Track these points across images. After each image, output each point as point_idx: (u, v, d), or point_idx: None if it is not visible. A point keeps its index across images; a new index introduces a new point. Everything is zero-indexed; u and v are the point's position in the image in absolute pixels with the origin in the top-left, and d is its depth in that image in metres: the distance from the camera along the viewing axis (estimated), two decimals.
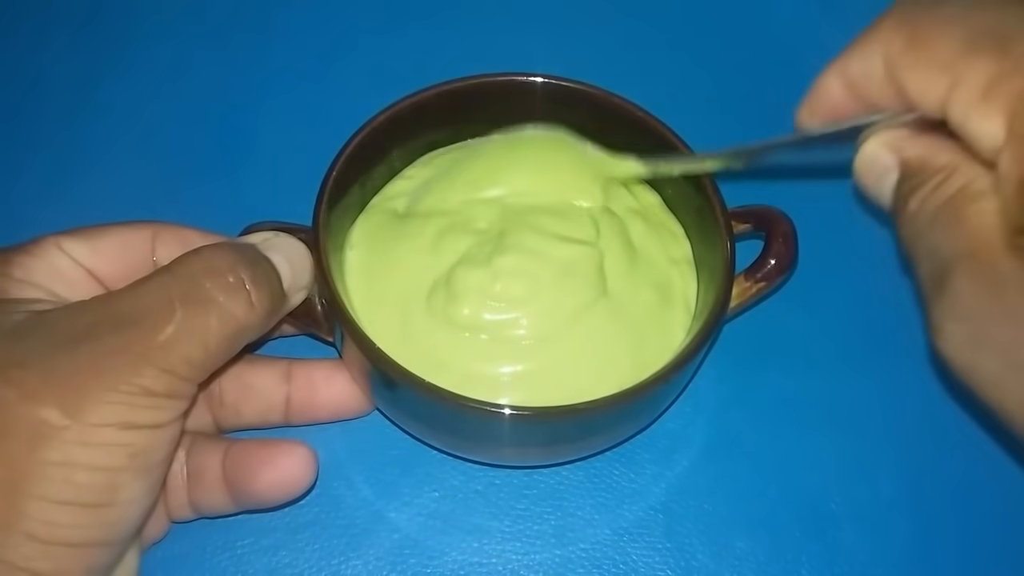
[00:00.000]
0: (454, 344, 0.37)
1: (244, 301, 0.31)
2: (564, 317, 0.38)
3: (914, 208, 0.29)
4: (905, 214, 0.29)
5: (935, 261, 0.28)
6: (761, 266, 0.39)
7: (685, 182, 0.40)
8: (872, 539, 0.40)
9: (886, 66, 0.30)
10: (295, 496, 0.37)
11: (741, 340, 0.43)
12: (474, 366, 0.37)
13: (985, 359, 0.27)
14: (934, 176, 0.29)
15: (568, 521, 0.40)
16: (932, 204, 0.29)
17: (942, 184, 0.29)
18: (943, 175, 0.29)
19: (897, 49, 0.29)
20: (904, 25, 0.29)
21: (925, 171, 0.29)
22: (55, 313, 0.30)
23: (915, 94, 0.29)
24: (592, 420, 0.35)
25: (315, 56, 0.52)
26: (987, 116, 0.27)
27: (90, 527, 0.29)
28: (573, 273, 0.38)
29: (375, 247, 0.40)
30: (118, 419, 0.28)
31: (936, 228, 0.28)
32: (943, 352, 0.28)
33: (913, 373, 0.44)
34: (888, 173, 0.31)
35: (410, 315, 0.38)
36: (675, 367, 0.35)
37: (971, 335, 0.27)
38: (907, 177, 0.30)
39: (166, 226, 0.36)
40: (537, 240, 0.39)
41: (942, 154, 0.29)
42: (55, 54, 0.51)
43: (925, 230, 0.29)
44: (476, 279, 0.38)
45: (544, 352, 0.38)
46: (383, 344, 0.35)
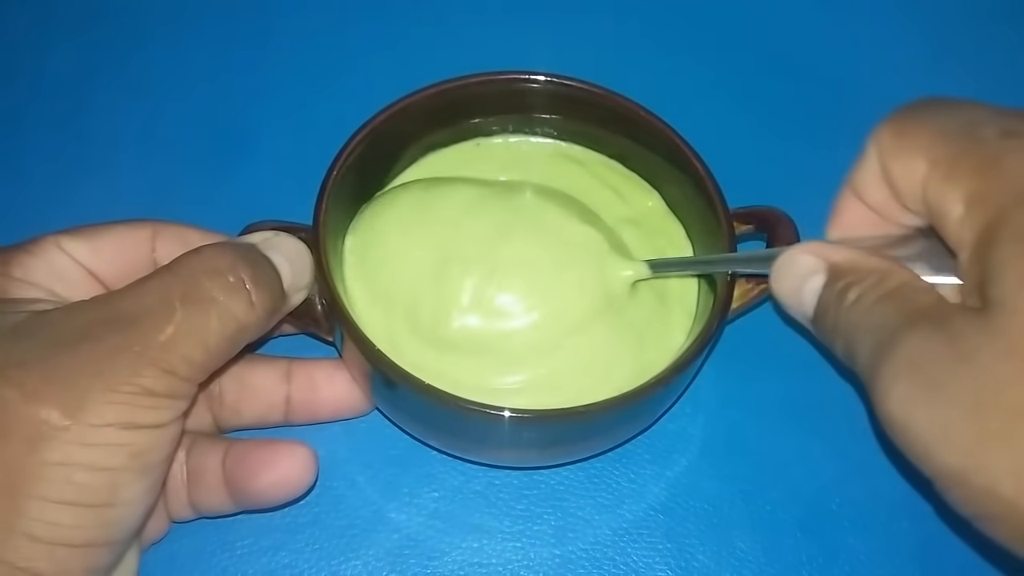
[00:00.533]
0: (453, 348, 0.38)
1: (244, 301, 0.31)
2: (562, 328, 0.38)
3: (853, 298, 0.30)
4: (843, 304, 0.30)
5: (880, 336, 0.28)
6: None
7: (687, 184, 0.40)
8: (872, 539, 0.40)
9: (879, 161, 0.31)
10: (295, 496, 0.37)
11: (741, 340, 0.43)
12: (473, 371, 0.37)
13: (937, 409, 0.26)
14: (870, 275, 0.30)
15: (568, 521, 0.40)
16: (875, 293, 0.29)
17: (883, 280, 0.29)
18: (880, 274, 0.30)
19: (886, 142, 0.31)
20: (894, 124, 0.31)
21: (858, 271, 0.30)
22: (55, 313, 0.30)
23: (898, 180, 0.31)
24: (592, 423, 0.35)
25: (316, 56, 0.52)
26: (951, 190, 0.28)
27: (90, 527, 0.28)
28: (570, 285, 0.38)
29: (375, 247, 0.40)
30: (118, 419, 0.28)
31: (881, 308, 0.29)
32: (891, 414, 0.27)
33: None
34: (812, 276, 0.31)
35: (410, 316, 0.38)
36: (676, 370, 0.35)
37: (923, 385, 0.26)
38: (838, 277, 0.31)
39: (166, 225, 0.36)
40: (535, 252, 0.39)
41: (872, 259, 0.31)
42: (56, 54, 0.51)
43: (869, 311, 0.29)
44: (473, 293, 0.38)
45: (541, 360, 0.38)
46: (382, 345, 0.35)
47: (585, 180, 0.43)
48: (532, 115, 0.43)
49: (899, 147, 0.30)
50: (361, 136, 0.39)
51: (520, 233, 0.39)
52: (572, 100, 0.42)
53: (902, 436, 0.27)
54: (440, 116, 0.42)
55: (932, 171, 0.29)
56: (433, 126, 0.42)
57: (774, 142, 0.50)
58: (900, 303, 0.29)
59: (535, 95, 0.42)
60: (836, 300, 0.30)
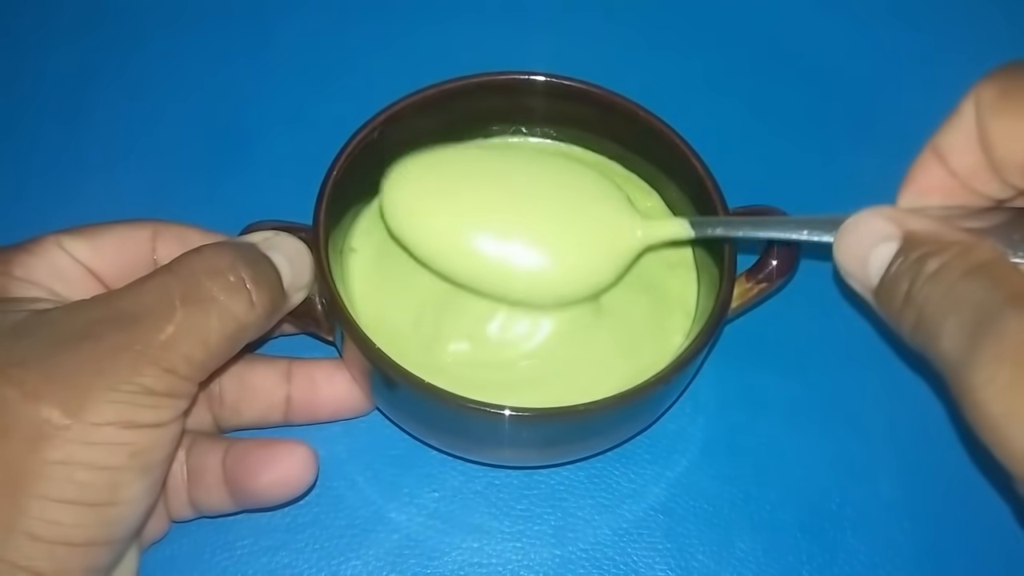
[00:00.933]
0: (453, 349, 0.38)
1: (245, 300, 0.31)
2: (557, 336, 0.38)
3: (934, 269, 0.27)
4: (920, 275, 0.27)
5: (973, 311, 0.26)
6: (763, 267, 0.39)
7: (687, 184, 0.40)
8: (872, 539, 0.40)
9: (977, 117, 0.29)
10: (295, 496, 0.37)
11: (741, 340, 0.43)
12: (472, 373, 0.37)
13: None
14: (952, 246, 0.27)
15: (568, 521, 0.40)
16: (962, 265, 0.27)
17: (968, 252, 0.27)
18: (963, 246, 0.27)
19: (988, 100, 0.29)
20: (999, 80, 0.29)
21: (939, 241, 0.28)
22: (56, 312, 0.30)
23: (1000, 145, 0.28)
24: (592, 421, 0.35)
25: (316, 56, 0.52)
26: None
27: (91, 526, 0.28)
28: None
29: (376, 247, 0.40)
30: (119, 418, 0.28)
31: (972, 283, 0.26)
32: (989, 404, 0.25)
33: (913, 373, 0.44)
34: (884, 242, 0.29)
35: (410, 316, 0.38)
36: (676, 368, 0.35)
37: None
38: (915, 245, 0.28)
39: (166, 225, 0.36)
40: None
41: (954, 231, 0.28)
42: (57, 54, 0.51)
43: (957, 284, 0.26)
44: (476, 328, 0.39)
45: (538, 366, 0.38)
46: (383, 344, 0.35)
47: None
48: (531, 116, 0.43)
49: (1006, 107, 0.28)
50: (361, 135, 0.39)
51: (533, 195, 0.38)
52: (571, 100, 0.42)
53: (995, 427, 0.25)
54: (439, 116, 0.42)
55: None
56: (432, 126, 0.42)
57: (774, 142, 0.50)
58: (996, 279, 0.26)
59: (534, 95, 0.42)
60: (911, 270, 0.28)
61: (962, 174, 0.30)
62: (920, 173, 0.31)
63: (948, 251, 0.27)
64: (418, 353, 0.37)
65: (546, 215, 0.37)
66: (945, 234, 0.28)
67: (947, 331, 0.26)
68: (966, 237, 0.28)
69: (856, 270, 0.30)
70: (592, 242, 0.37)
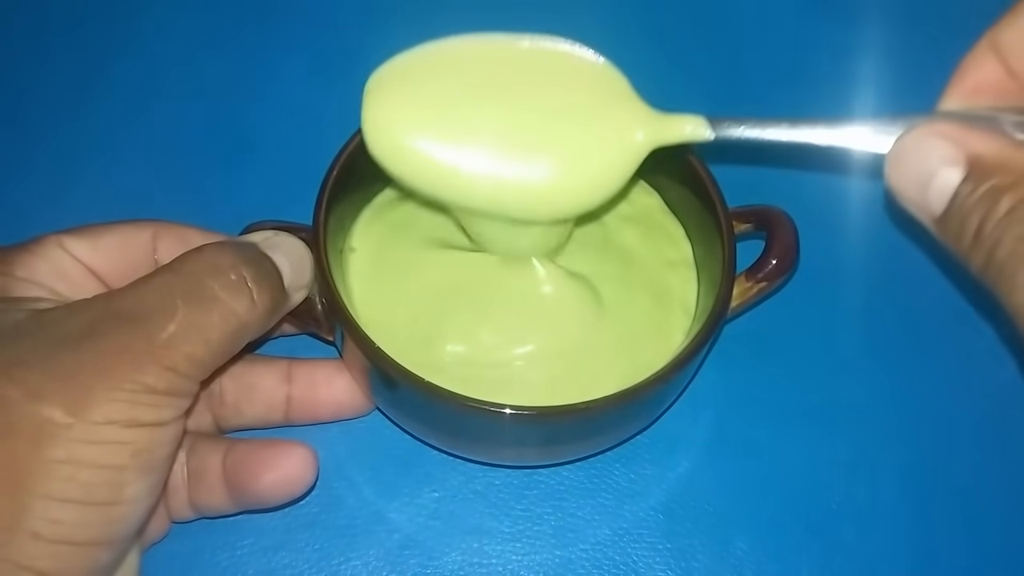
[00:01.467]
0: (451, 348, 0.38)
1: (246, 299, 0.32)
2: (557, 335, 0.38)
3: (1006, 207, 0.24)
4: (993, 213, 0.25)
5: None
6: (762, 266, 0.39)
7: (686, 183, 0.40)
8: (872, 539, 0.40)
9: None
10: (296, 496, 0.37)
11: (741, 340, 0.43)
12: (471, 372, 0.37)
13: None
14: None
15: (568, 521, 0.40)
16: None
17: None
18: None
19: None
20: None
21: (1009, 170, 0.25)
22: (57, 312, 0.30)
23: None
24: (592, 420, 0.35)
25: (317, 53, 0.52)
26: None
27: (94, 525, 0.28)
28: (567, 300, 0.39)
29: (375, 247, 0.40)
30: (121, 417, 0.28)
31: None
32: None
33: (914, 373, 0.44)
34: (944, 167, 0.26)
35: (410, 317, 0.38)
36: (675, 367, 0.35)
37: None
38: (983, 175, 0.25)
39: (167, 225, 0.36)
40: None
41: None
42: (56, 53, 0.51)
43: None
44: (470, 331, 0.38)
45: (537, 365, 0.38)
46: (383, 344, 0.35)
47: None
48: None
49: None
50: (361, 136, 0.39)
51: None
52: None
53: None
54: None
55: None
56: None
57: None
58: None
59: None
60: (982, 204, 0.25)
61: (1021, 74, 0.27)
62: (974, 69, 0.28)
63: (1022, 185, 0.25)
64: (416, 352, 0.37)
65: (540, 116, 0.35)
66: (1018, 160, 0.25)
67: (1022, 283, 0.24)
68: None
69: (915, 197, 0.27)
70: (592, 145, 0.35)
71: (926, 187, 0.27)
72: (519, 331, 0.38)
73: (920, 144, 0.27)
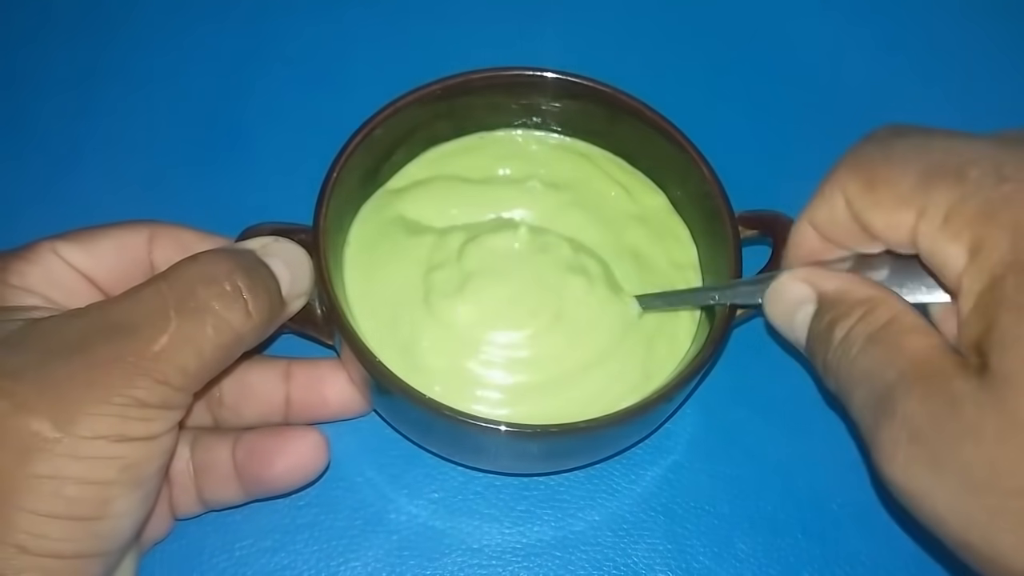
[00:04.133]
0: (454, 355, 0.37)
1: (241, 310, 0.31)
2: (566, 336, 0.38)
3: (840, 336, 0.29)
4: (831, 343, 0.29)
5: (873, 387, 0.27)
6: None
7: (693, 185, 0.40)
8: (873, 540, 0.40)
9: (849, 209, 0.30)
10: (309, 481, 0.37)
11: (742, 340, 0.43)
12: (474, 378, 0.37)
13: (943, 482, 0.26)
14: (856, 307, 0.29)
15: (568, 522, 0.40)
16: (861, 332, 0.28)
17: (868, 315, 0.29)
18: (866, 307, 0.29)
19: (856, 192, 0.29)
20: (860, 169, 0.29)
21: (845, 302, 0.29)
22: (49, 322, 0.30)
23: (881, 231, 0.29)
24: (593, 437, 0.35)
25: (317, 52, 0.52)
26: (951, 242, 0.27)
27: (81, 540, 0.28)
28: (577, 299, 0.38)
29: (376, 249, 0.40)
30: (110, 431, 0.28)
31: (870, 355, 0.28)
32: (895, 480, 0.27)
33: None
34: (802, 305, 0.31)
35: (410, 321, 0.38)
36: (678, 385, 0.35)
37: (927, 458, 0.26)
38: (827, 308, 0.30)
39: (163, 227, 0.36)
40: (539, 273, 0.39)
41: (861, 288, 0.29)
42: (53, 53, 0.51)
43: (857, 357, 0.28)
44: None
45: (547, 365, 0.38)
46: (381, 352, 0.34)
47: (592, 173, 0.43)
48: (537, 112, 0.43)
49: (876, 200, 0.29)
50: (361, 135, 0.38)
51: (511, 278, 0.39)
52: (577, 97, 0.41)
53: (907, 500, 0.27)
54: (442, 113, 0.41)
55: (923, 221, 0.28)
56: (435, 123, 0.42)
57: (780, 146, 0.50)
58: (890, 350, 0.28)
59: (540, 91, 0.41)
60: (823, 336, 0.30)
61: (841, 244, 0.31)
62: (801, 242, 0.33)
63: (852, 315, 0.29)
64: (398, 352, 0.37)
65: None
66: (852, 294, 0.29)
67: (855, 401, 0.28)
68: (870, 295, 0.29)
69: (788, 332, 0.32)
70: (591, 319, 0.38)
71: (792, 321, 0.31)
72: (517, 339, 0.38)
73: (784, 287, 0.32)
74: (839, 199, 0.30)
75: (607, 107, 0.41)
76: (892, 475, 0.27)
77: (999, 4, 0.55)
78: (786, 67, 0.52)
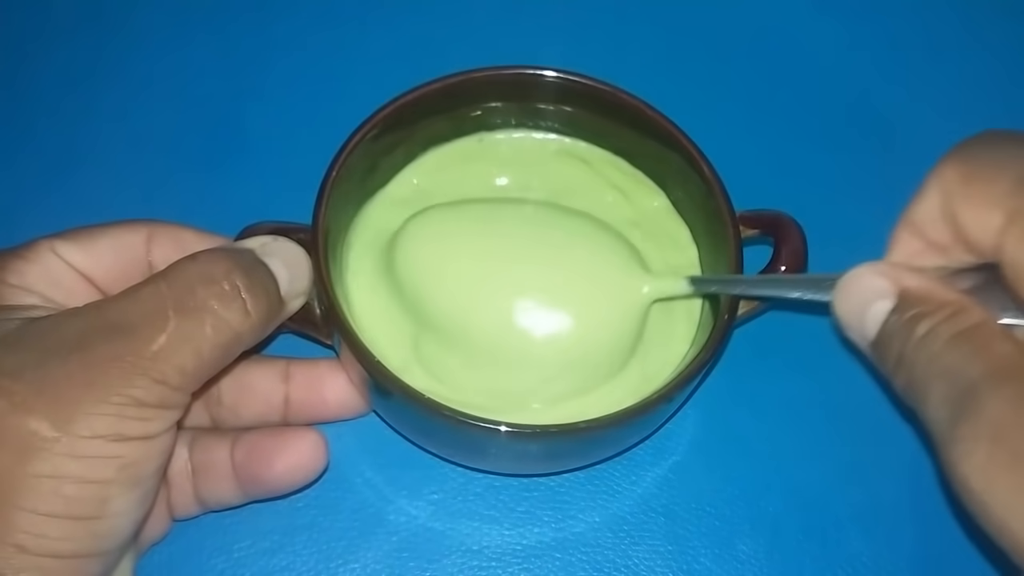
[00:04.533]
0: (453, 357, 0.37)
1: (239, 309, 0.31)
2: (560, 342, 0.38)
3: (923, 331, 0.28)
4: (910, 337, 0.28)
5: (955, 383, 0.27)
6: (771, 273, 0.38)
7: (694, 185, 0.40)
8: (875, 541, 0.40)
9: (943, 203, 0.30)
10: (308, 481, 0.37)
11: (742, 340, 0.42)
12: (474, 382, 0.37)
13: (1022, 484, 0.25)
14: (944, 307, 0.28)
15: (568, 523, 0.40)
16: (947, 330, 0.28)
17: (956, 316, 0.28)
18: (954, 307, 0.28)
19: (953, 185, 0.29)
20: (961, 164, 0.29)
21: (932, 301, 0.28)
22: (47, 321, 0.30)
23: (970, 229, 0.29)
24: (593, 438, 0.34)
25: (317, 51, 0.51)
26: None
27: (79, 539, 0.28)
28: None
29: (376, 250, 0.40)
30: (108, 431, 0.28)
31: (956, 351, 0.27)
32: (968, 479, 0.26)
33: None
34: (879, 299, 0.30)
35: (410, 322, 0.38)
36: (678, 385, 0.35)
37: (1008, 459, 0.25)
38: (909, 305, 0.29)
39: (161, 226, 0.36)
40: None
41: (947, 290, 0.29)
42: (52, 52, 0.50)
43: (941, 352, 0.27)
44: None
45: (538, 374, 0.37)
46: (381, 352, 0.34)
47: (590, 179, 0.43)
48: (537, 111, 0.42)
49: (969, 194, 0.29)
50: (361, 134, 0.38)
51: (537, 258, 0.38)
52: (577, 96, 0.41)
53: (978, 503, 0.26)
54: (442, 112, 0.41)
55: (1012, 226, 0.27)
56: (435, 123, 0.42)
57: (781, 144, 0.50)
58: (977, 348, 0.27)
59: (540, 91, 0.41)
60: (903, 330, 0.29)
61: (938, 246, 0.31)
62: (900, 243, 0.32)
63: (938, 314, 0.28)
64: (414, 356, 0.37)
65: (553, 272, 0.38)
66: (937, 294, 0.29)
67: (932, 400, 0.27)
68: (957, 298, 0.28)
69: (854, 324, 0.31)
70: (598, 298, 0.38)
71: (863, 316, 0.30)
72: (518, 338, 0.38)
73: (861, 279, 0.30)
74: (937, 193, 0.30)
75: (607, 107, 0.41)
76: (966, 474, 0.26)
77: (1000, 4, 0.55)
78: (786, 67, 0.52)
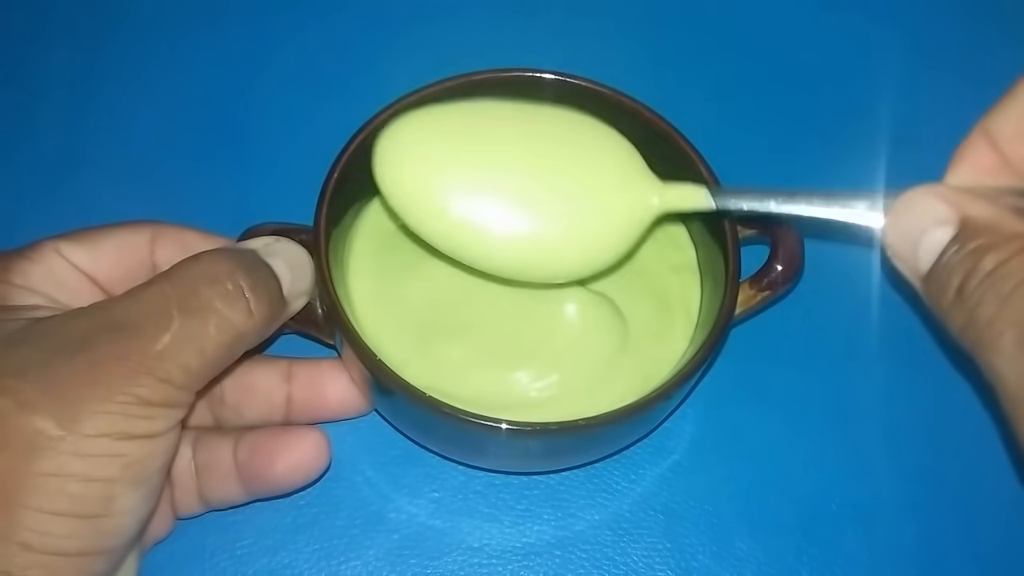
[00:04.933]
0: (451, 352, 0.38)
1: (242, 309, 0.31)
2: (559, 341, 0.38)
3: (990, 267, 0.25)
4: (976, 273, 0.25)
5: None
6: (767, 273, 0.38)
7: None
8: (872, 540, 0.40)
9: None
10: (311, 480, 0.37)
11: (741, 340, 0.43)
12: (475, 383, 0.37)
13: None
14: (1015, 240, 0.25)
15: (568, 521, 0.40)
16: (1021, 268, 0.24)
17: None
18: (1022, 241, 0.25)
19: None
20: None
21: (1001, 232, 0.25)
22: (52, 321, 0.30)
23: None
24: (592, 435, 0.35)
25: (318, 52, 0.51)
26: None
27: (85, 537, 0.28)
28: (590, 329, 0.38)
29: (377, 251, 0.40)
30: (113, 429, 0.28)
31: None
32: None
33: (914, 374, 0.43)
34: (937, 226, 0.26)
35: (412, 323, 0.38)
36: (677, 383, 0.35)
37: None
38: (974, 234, 0.25)
39: (165, 227, 0.36)
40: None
41: (1018, 221, 0.26)
42: (54, 53, 0.50)
43: (1013, 295, 0.24)
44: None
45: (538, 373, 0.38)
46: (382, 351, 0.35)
47: None
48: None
49: None
50: (362, 135, 0.38)
51: None
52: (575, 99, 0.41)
53: None
54: None
55: None
56: None
57: (780, 145, 0.50)
58: None
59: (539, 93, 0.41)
60: (966, 263, 0.25)
61: (1015, 159, 0.28)
62: (969, 155, 0.29)
63: (1009, 246, 0.25)
64: (416, 356, 0.37)
65: (555, 178, 0.35)
66: (1007, 224, 0.25)
67: (1004, 347, 0.24)
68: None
69: (906, 253, 0.27)
70: (604, 207, 0.35)
71: (917, 244, 0.27)
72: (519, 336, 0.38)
73: (916, 203, 0.27)
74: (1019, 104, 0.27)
75: (606, 107, 0.41)
76: None
77: (1001, 4, 0.55)
78: (786, 67, 0.52)
